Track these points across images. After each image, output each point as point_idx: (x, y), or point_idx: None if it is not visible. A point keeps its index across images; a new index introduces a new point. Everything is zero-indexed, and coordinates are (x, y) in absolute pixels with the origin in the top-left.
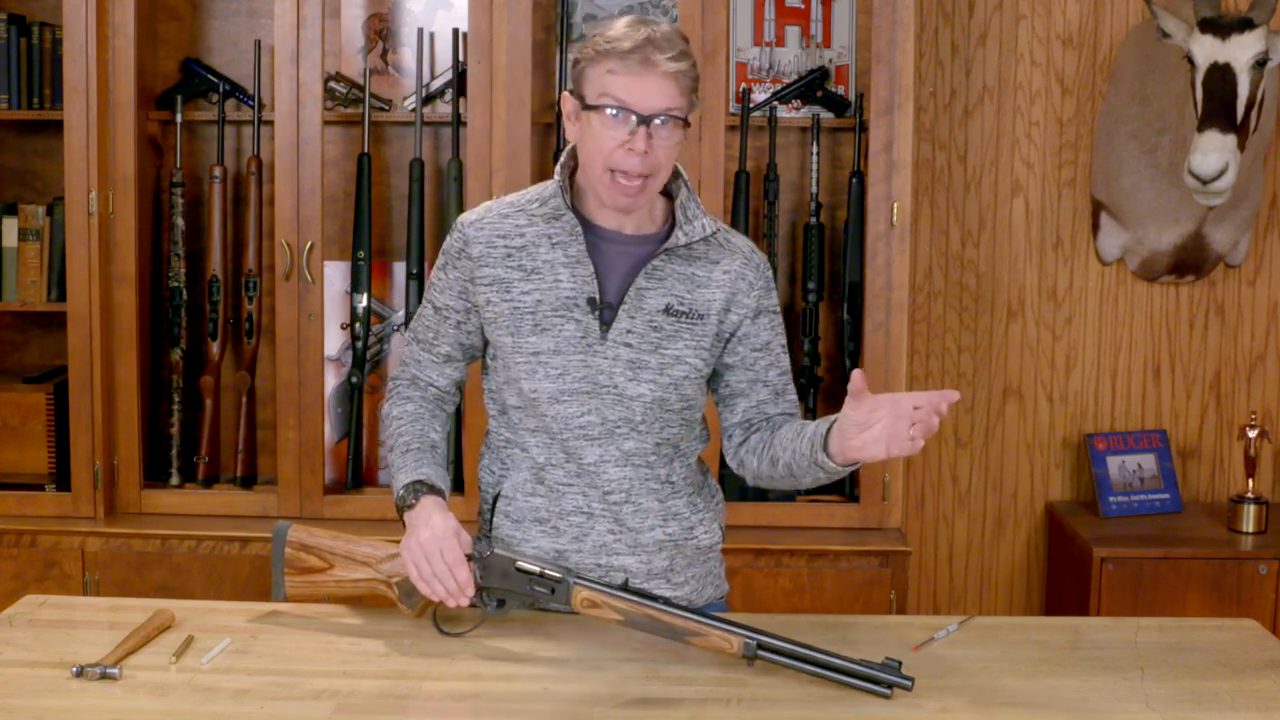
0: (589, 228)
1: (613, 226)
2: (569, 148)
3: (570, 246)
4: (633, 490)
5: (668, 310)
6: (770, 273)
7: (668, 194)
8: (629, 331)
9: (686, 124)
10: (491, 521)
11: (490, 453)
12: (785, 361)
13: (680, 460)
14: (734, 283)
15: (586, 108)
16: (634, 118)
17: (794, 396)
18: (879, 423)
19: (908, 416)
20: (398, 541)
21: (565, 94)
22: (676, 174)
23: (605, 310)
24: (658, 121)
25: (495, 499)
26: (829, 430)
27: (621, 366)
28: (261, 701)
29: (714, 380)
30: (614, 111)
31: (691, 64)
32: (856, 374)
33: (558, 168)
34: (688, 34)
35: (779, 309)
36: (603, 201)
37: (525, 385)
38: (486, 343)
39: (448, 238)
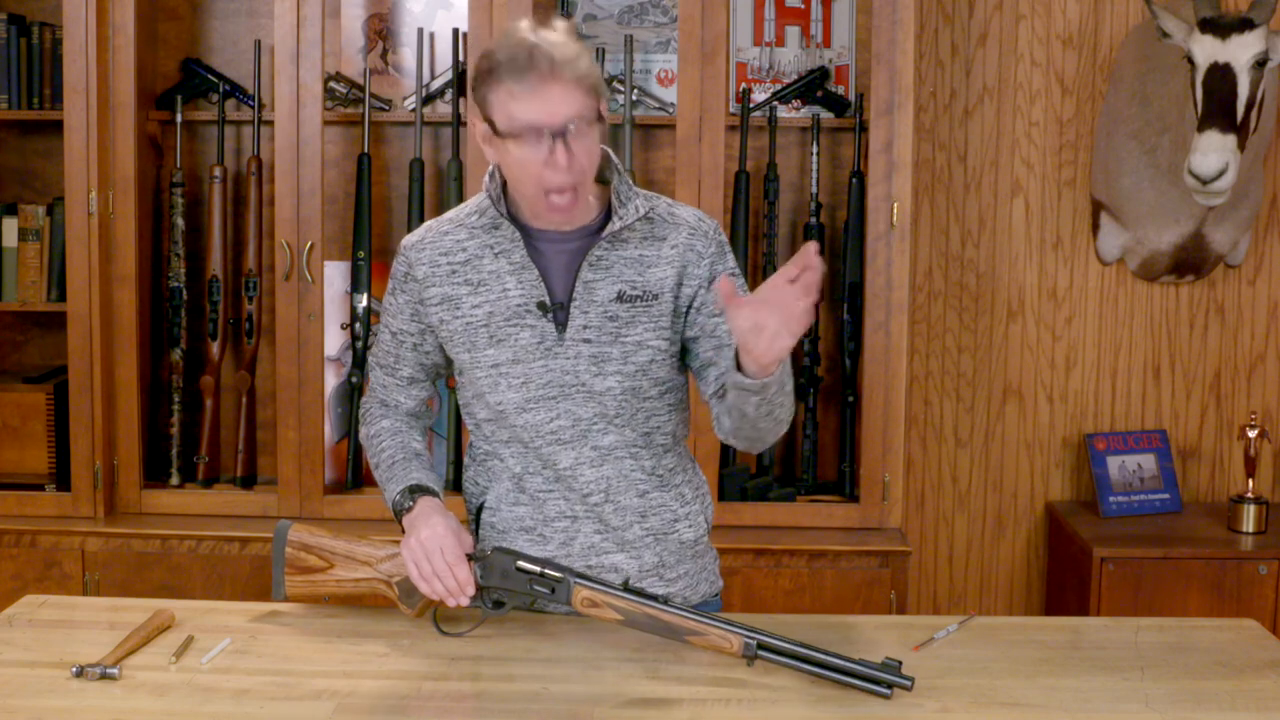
0: (528, 232)
1: (551, 226)
2: None
3: (513, 254)
4: (611, 489)
5: (620, 297)
6: (723, 236)
7: (604, 180)
8: (585, 327)
9: (600, 119)
10: (477, 533)
11: (475, 464)
12: None
13: (674, 451)
14: (683, 256)
15: (499, 134)
16: (548, 134)
17: None
18: (771, 316)
19: (792, 293)
20: (398, 542)
21: (474, 119)
22: (608, 159)
23: (558, 311)
24: (572, 129)
25: (479, 509)
26: (738, 352)
27: (585, 363)
28: (261, 701)
29: (686, 357)
30: (527, 133)
31: (589, 60)
32: (721, 283)
33: (486, 178)
34: (688, 34)
35: (738, 271)
36: (539, 216)
37: (490, 398)
38: (450, 359)
39: (394, 262)
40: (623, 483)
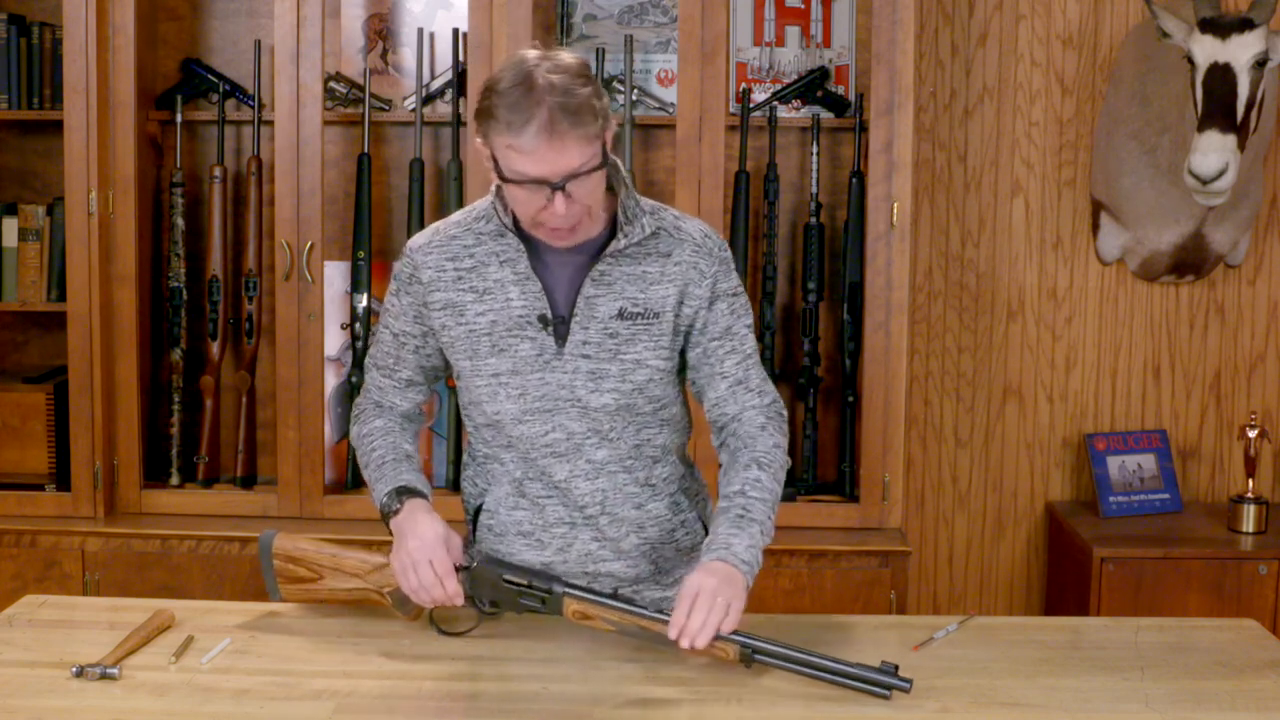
0: (532, 243)
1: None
2: None
3: (518, 264)
4: (606, 501)
5: (621, 314)
6: (728, 254)
7: (610, 188)
8: (585, 343)
9: (605, 159)
10: (474, 534)
11: (474, 464)
12: (748, 345)
13: (664, 461)
14: (685, 274)
15: (499, 174)
16: (547, 187)
17: (759, 383)
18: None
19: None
20: (386, 547)
21: (477, 141)
22: (616, 169)
23: (558, 324)
24: (575, 180)
25: (477, 510)
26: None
27: (582, 379)
28: (261, 701)
29: (686, 372)
30: (526, 183)
31: (591, 103)
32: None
33: (493, 187)
34: (688, 34)
35: (740, 289)
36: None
37: (488, 407)
38: (449, 363)
39: (398, 263)
40: (618, 495)
